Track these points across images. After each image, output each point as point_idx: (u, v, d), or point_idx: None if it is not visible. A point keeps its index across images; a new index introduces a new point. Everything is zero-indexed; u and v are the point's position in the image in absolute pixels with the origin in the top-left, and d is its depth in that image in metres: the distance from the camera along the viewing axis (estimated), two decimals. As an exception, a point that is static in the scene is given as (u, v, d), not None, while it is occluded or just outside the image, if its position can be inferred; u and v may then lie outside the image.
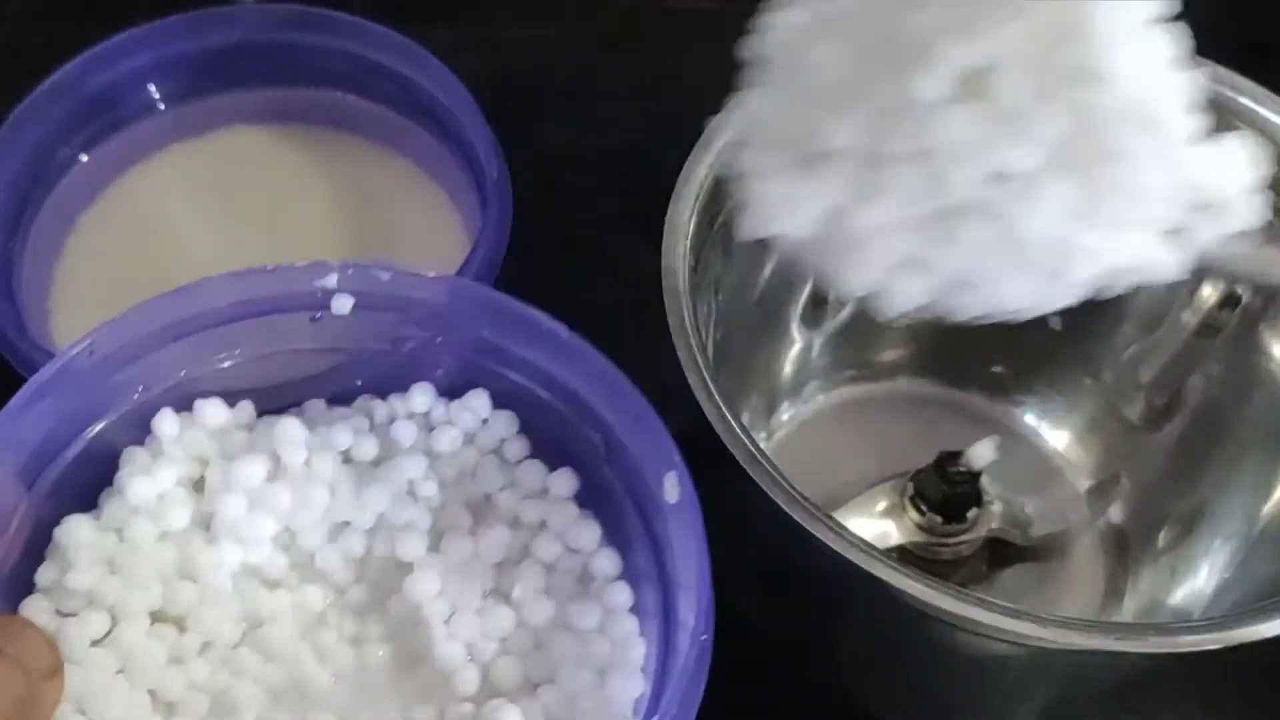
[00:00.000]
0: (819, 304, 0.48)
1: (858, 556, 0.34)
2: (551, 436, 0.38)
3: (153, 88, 0.50)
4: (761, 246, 0.35)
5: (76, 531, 0.35)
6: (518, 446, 0.38)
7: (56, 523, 0.35)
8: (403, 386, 0.38)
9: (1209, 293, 0.44)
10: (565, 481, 0.38)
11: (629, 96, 0.60)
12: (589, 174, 0.57)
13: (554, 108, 0.59)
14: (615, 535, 0.37)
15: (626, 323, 0.51)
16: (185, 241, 0.50)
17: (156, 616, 0.35)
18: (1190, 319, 0.45)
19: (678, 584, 0.34)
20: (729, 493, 0.42)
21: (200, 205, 0.51)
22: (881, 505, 0.47)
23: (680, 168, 0.40)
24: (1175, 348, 0.45)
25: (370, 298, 0.37)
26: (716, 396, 0.36)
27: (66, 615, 0.34)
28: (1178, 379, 0.46)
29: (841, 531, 0.34)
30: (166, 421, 0.37)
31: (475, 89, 0.48)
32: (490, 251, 0.44)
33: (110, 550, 0.35)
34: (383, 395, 0.38)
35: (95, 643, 0.34)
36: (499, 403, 0.38)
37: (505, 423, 0.38)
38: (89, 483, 0.36)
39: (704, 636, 0.31)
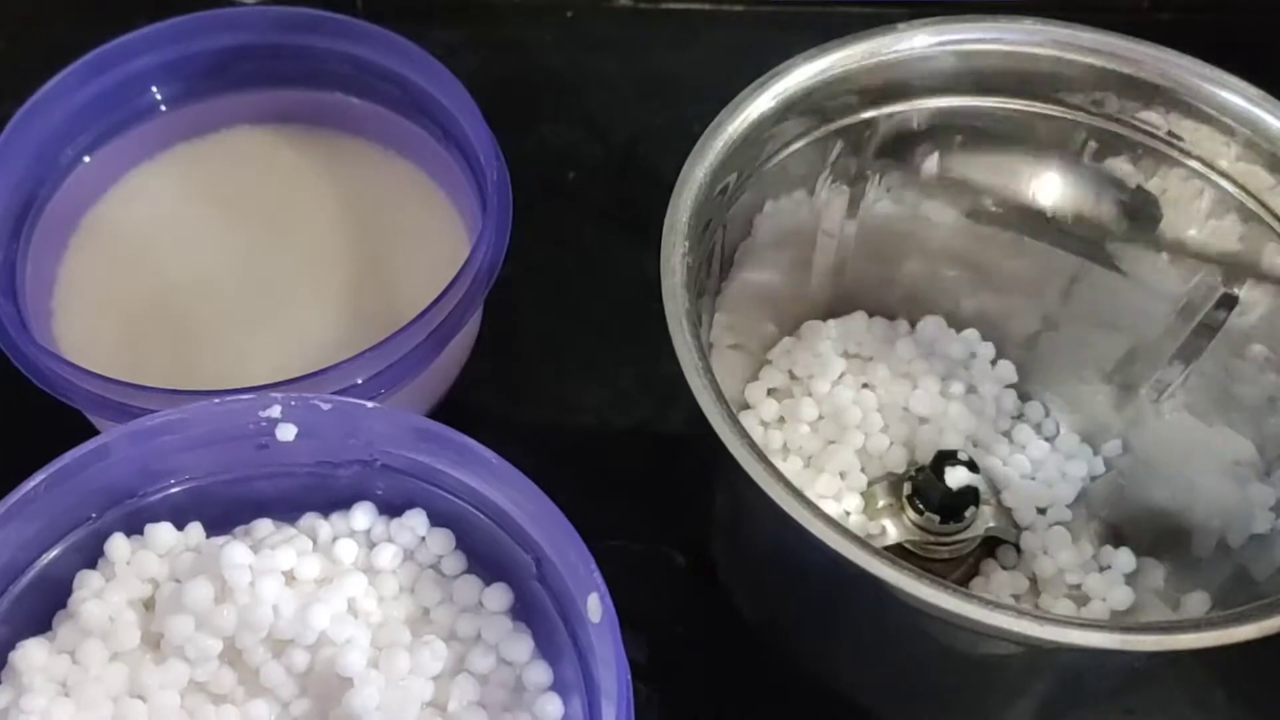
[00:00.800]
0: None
1: (856, 555, 0.34)
2: (486, 552, 0.39)
3: (155, 89, 0.50)
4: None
5: (31, 655, 0.37)
6: (454, 562, 0.40)
7: (10, 647, 0.37)
8: (345, 505, 0.40)
9: (1207, 293, 0.44)
10: (500, 596, 0.39)
11: (629, 96, 0.60)
12: (589, 174, 0.58)
13: (554, 108, 0.59)
14: (546, 647, 0.38)
15: (626, 323, 0.52)
16: (187, 243, 0.50)
17: None
18: (1188, 318, 0.45)
19: (601, 693, 0.35)
20: (729, 492, 0.42)
21: (202, 206, 0.51)
22: (880, 504, 0.47)
23: (680, 168, 0.40)
24: (1173, 346, 0.45)
25: (312, 426, 0.38)
26: (716, 396, 0.36)
27: None
28: (1176, 377, 0.46)
29: (840, 530, 0.34)
30: (118, 545, 0.38)
31: (475, 89, 0.48)
32: (490, 252, 0.44)
33: (63, 672, 0.37)
34: (325, 513, 0.40)
35: None
36: (436, 521, 0.40)
37: (442, 539, 0.40)
38: (42, 606, 0.38)
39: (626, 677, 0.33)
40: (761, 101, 0.42)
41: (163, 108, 0.51)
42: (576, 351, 0.53)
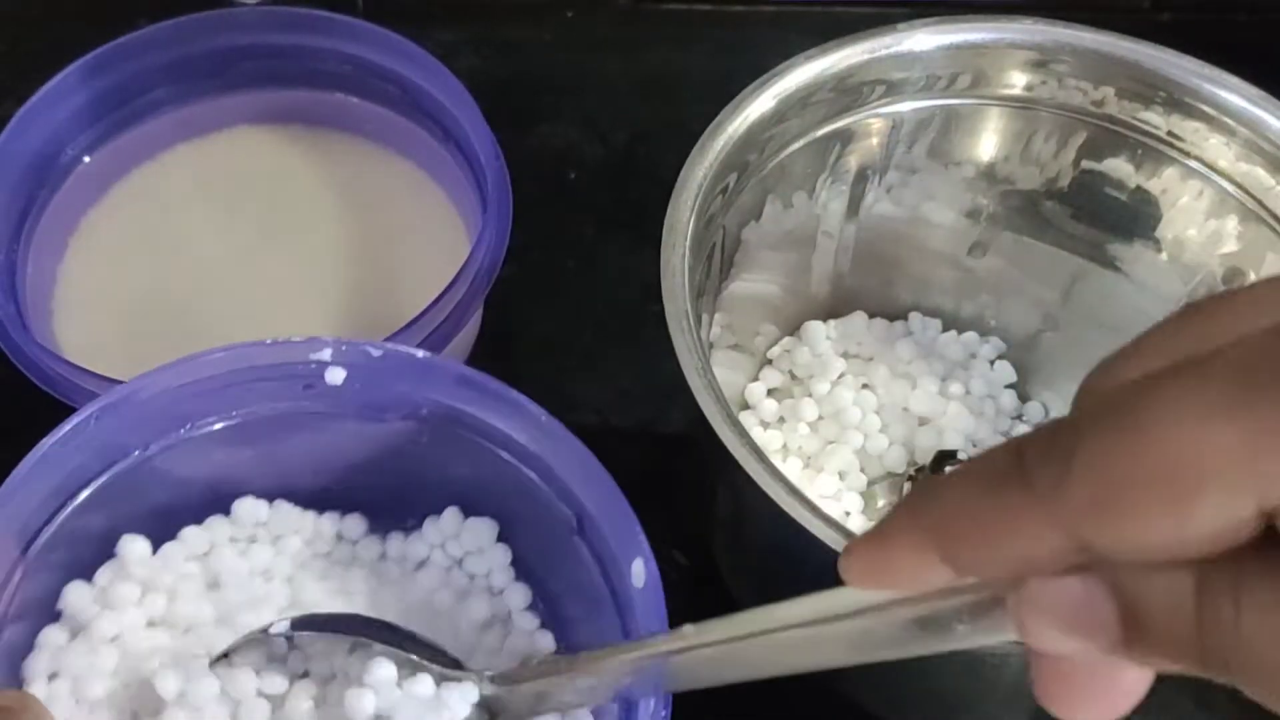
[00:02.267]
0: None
1: (856, 555, 0.34)
2: (525, 507, 0.39)
3: (155, 90, 0.50)
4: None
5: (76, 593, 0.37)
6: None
7: (51, 587, 0.37)
8: (390, 456, 0.39)
9: (1207, 293, 0.44)
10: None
11: (629, 96, 0.60)
12: (589, 174, 0.58)
13: (554, 108, 0.59)
14: (582, 602, 0.38)
15: (626, 323, 0.52)
16: (188, 242, 0.50)
17: None
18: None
19: None
20: (729, 492, 0.42)
21: (203, 206, 0.51)
22: (879, 504, 0.47)
23: (680, 168, 0.40)
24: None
25: (361, 371, 0.38)
26: (716, 396, 0.36)
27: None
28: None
29: (840, 530, 0.34)
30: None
31: (475, 89, 0.48)
32: (490, 252, 0.44)
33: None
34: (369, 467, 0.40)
35: None
36: (482, 470, 0.39)
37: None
38: (85, 545, 0.38)
39: (663, 713, 0.32)
40: (761, 101, 0.42)
41: (163, 108, 0.51)
42: (576, 351, 0.53)
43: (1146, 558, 0.19)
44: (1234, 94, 0.42)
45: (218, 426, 0.38)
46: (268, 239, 0.50)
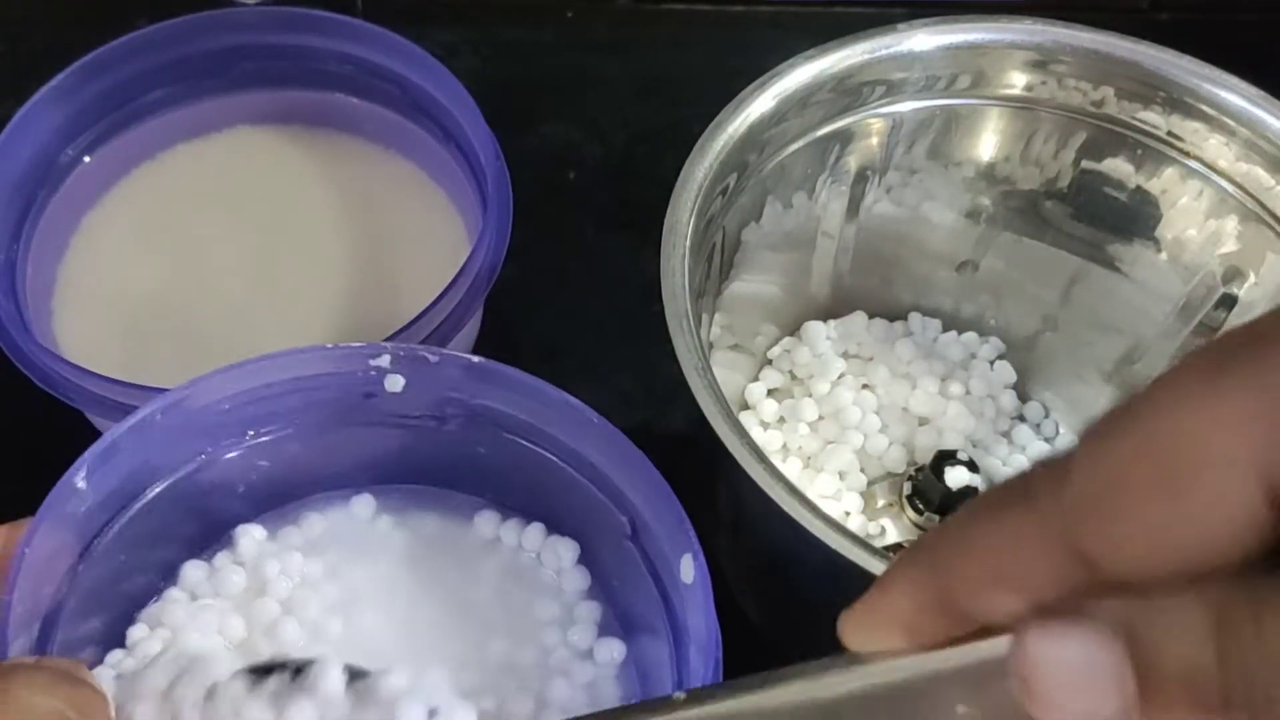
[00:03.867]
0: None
1: (856, 555, 0.34)
2: (579, 513, 0.39)
3: (155, 90, 0.50)
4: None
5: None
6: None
7: (113, 577, 0.36)
8: (448, 461, 0.40)
9: (1207, 293, 0.44)
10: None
11: (629, 98, 0.60)
12: (589, 174, 0.58)
13: (554, 108, 0.59)
14: (635, 605, 0.38)
15: (626, 323, 0.52)
16: (188, 242, 0.50)
17: None
18: (1188, 318, 0.45)
19: (691, 648, 0.35)
20: (729, 492, 0.42)
21: (203, 206, 0.51)
22: (879, 504, 0.47)
23: (680, 168, 0.40)
24: (1173, 347, 0.46)
25: (419, 377, 0.38)
26: (716, 396, 0.36)
27: None
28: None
29: (840, 530, 0.34)
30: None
31: (475, 89, 0.48)
32: (490, 252, 0.44)
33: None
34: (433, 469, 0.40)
35: None
36: (535, 475, 0.39)
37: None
38: (146, 539, 0.37)
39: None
40: (761, 101, 0.42)
41: (163, 108, 0.51)
42: (576, 352, 0.53)
43: (1153, 568, 0.17)
44: (1234, 94, 0.42)
45: (276, 435, 0.39)
46: (268, 239, 0.50)
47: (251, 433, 0.38)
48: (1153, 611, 0.17)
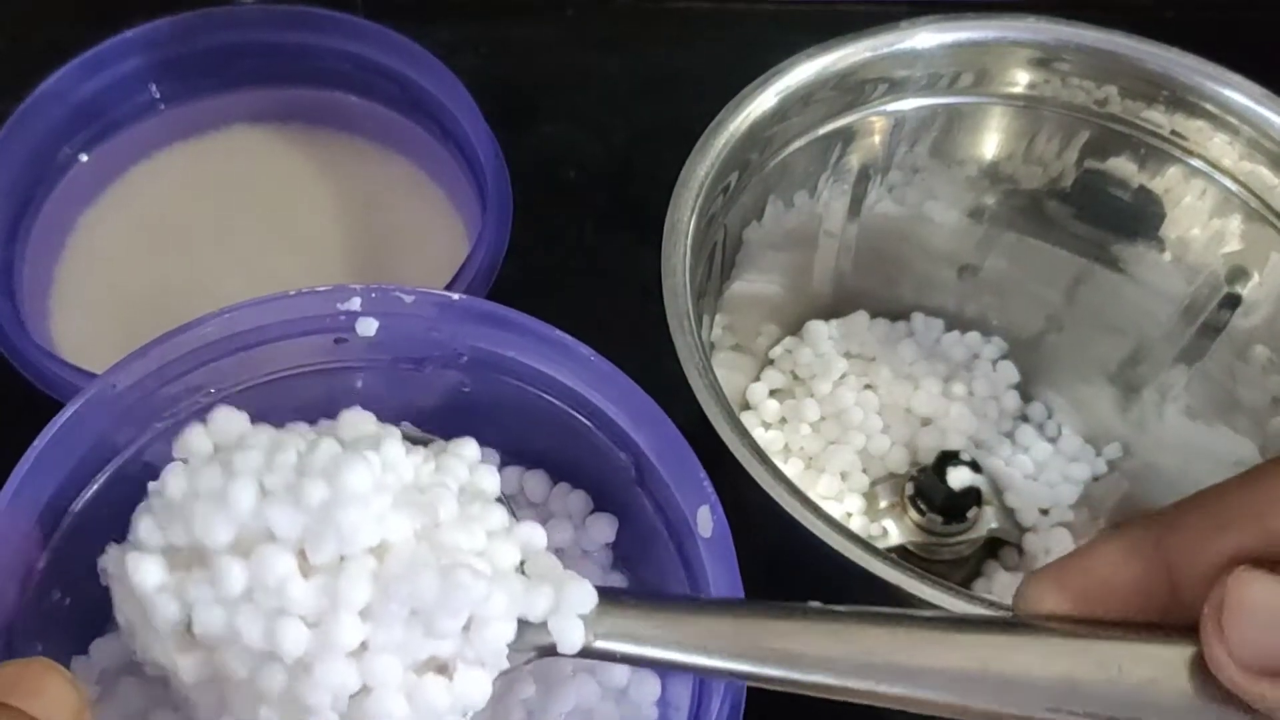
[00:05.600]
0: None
1: (858, 556, 0.34)
2: (581, 455, 0.37)
3: (153, 88, 0.50)
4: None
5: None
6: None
7: (81, 557, 0.34)
8: (430, 403, 0.38)
9: (1210, 293, 0.44)
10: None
11: (629, 96, 0.60)
12: (589, 174, 0.57)
13: (554, 108, 0.59)
14: (645, 557, 0.37)
15: (626, 323, 0.51)
16: (185, 242, 0.50)
17: None
18: (1191, 318, 0.45)
19: None
20: (731, 493, 0.42)
21: (200, 205, 0.51)
22: (882, 505, 0.47)
23: (680, 168, 0.40)
24: (1177, 348, 0.45)
25: (393, 319, 0.36)
26: (718, 397, 0.36)
27: None
28: (1179, 379, 0.46)
29: (842, 531, 0.34)
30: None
31: (475, 89, 0.48)
32: (490, 252, 0.44)
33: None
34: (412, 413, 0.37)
35: None
36: (526, 418, 0.37)
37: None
38: (116, 513, 0.35)
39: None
40: (763, 100, 0.42)
41: (161, 106, 0.51)
42: (577, 352, 0.52)
43: None
44: (1238, 92, 0.42)
45: (244, 388, 0.37)
46: (266, 238, 0.50)
47: (214, 389, 0.36)
48: None
